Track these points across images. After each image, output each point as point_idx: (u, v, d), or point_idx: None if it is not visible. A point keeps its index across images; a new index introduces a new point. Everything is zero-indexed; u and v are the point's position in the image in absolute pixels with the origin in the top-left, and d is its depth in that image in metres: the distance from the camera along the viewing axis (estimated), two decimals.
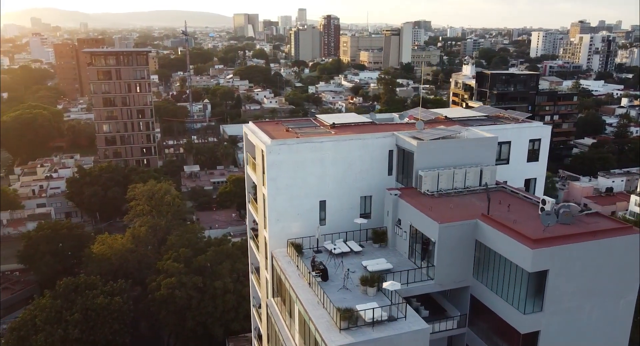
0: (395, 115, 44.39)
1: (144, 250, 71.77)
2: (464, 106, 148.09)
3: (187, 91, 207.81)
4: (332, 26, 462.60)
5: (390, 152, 36.17)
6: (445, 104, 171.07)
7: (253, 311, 44.72)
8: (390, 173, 36.55)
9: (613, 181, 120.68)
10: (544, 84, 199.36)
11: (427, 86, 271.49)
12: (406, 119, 41.49)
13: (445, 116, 42.32)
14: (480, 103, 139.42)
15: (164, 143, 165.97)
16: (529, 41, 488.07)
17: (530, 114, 52.82)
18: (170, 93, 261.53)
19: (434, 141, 33.94)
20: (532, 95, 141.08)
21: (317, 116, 42.55)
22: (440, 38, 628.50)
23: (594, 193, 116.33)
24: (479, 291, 29.21)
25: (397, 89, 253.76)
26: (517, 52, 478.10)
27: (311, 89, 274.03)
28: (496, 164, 38.63)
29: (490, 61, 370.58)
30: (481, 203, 31.40)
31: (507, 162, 39.39)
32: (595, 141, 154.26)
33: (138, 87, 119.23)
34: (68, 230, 78.10)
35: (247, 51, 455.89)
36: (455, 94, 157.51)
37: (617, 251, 26.46)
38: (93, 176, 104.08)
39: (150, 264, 69.26)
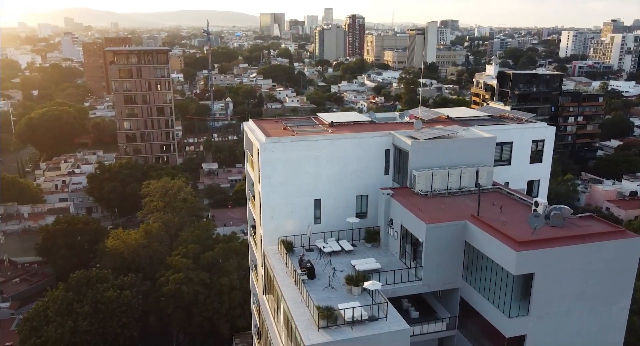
0: (397, 114, 44.07)
1: (156, 246, 72.85)
2: (484, 106, 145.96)
3: (209, 89, 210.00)
4: (357, 26, 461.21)
5: (387, 151, 35.92)
6: (467, 105, 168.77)
7: (253, 308, 45.02)
8: (387, 172, 36.30)
9: (638, 185, 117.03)
10: (570, 85, 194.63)
11: (451, 85, 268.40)
12: (406, 119, 41.11)
13: (447, 116, 41.82)
14: (501, 104, 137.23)
15: (185, 141, 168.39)
16: (559, 41, 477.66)
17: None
18: (194, 91, 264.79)
19: (429, 140, 33.57)
20: (556, 96, 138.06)
21: (317, 114, 42.53)
22: (467, 38, 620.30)
23: (617, 197, 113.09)
24: (467, 294, 28.80)
25: (420, 89, 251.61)
26: (546, 52, 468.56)
27: (333, 89, 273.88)
28: (497, 165, 38.14)
29: (517, 60, 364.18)
30: (474, 204, 30.92)
31: (509, 164, 38.69)
32: (621, 143, 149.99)
33: (158, 86, 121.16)
34: (84, 224, 79.95)
35: (272, 50, 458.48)
36: (476, 94, 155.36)
37: (608, 255, 25.75)
38: (112, 172, 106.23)
39: (161, 260, 70.26)
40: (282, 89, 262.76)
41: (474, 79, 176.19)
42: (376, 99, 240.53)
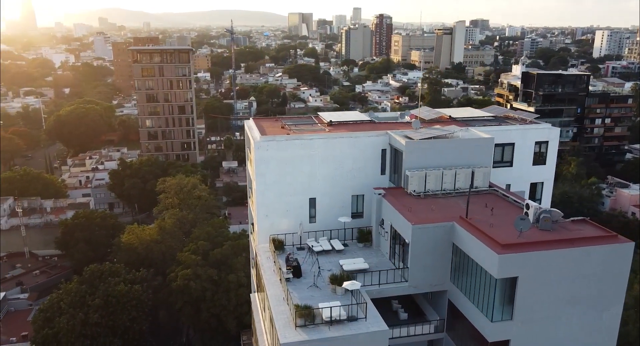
0: (399, 114, 43.70)
1: (170, 242, 73.97)
2: (509, 107, 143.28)
3: (232, 88, 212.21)
4: (384, 25, 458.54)
5: (384, 151, 35.70)
6: (490, 105, 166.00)
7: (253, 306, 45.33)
8: (383, 172, 36.09)
9: None
10: (600, 86, 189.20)
11: (477, 86, 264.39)
12: (406, 118, 40.73)
13: (450, 116, 41.27)
14: (525, 105, 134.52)
15: (208, 139, 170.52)
16: (593, 41, 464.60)
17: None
18: (219, 90, 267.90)
19: (424, 140, 33.19)
20: (582, 97, 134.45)
21: (318, 113, 42.54)
22: (498, 37, 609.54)
23: None
24: (455, 296, 28.38)
25: (445, 89, 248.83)
26: (578, 52, 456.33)
27: (358, 88, 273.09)
28: (499, 167, 37.56)
29: (548, 61, 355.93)
30: (469, 206, 30.43)
31: (511, 165, 37.98)
32: None
33: (180, 84, 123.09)
34: (102, 219, 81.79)
35: (298, 50, 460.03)
36: (500, 95, 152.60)
37: (598, 260, 24.99)
38: (133, 168, 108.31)
39: (174, 256, 71.29)
40: (306, 88, 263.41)
41: (499, 80, 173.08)
42: (400, 99, 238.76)
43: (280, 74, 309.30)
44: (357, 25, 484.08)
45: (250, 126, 38.69)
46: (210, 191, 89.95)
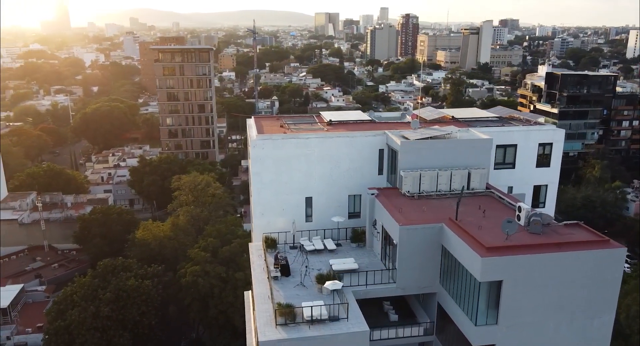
0: (405, 114, 43.32)
1: (182, 238, 75.01)
2: (531, 108, 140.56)
3: (254, 88, 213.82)
4: (410, 25, 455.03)
5: (381, 151, 35.43)
6: (515, 106, 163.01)
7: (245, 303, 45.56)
8: (380, 172, 35.81)
9: None
10: (629, 87, 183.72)
11: (503, 86, 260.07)
12: (408, 118, 40.32)
13: (452, 116, 40.69)
14: (548, 106, 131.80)
15: (229, 138, 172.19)
16: (627, 40, 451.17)
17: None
18: (243, 89, 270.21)
19: (420, 140, 32.81)
20: (608, 98, 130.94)
21: (320, 113, 42.48)
22: (527, 37, 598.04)
23: None
24: (443, 299, 27.99)
25: (470, 90, 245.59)
26: (611, 52, 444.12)
27: (381, 88, 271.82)
28: (500, 168, 36.93)
29: (578, 61, 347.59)
30: (462, 208, 29.97)
31: (513, 167, 37.22)
32: None
33: (200, 83, 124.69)
34: (118, 215, 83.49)
35: (324, 50, 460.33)
36: (523, 96, 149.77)
37: (588, 265, 24.30)
38: (152, 166, 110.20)
39: (186, 252, 72.28)
40: (329, 88, 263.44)
41: (525, 81, 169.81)
42: (423, 99, 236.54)
43: (304, 73, 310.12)
44: (382, 25, 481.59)
45: (250, 124, 38.92)
46: (227, 189, 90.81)
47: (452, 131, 34.32)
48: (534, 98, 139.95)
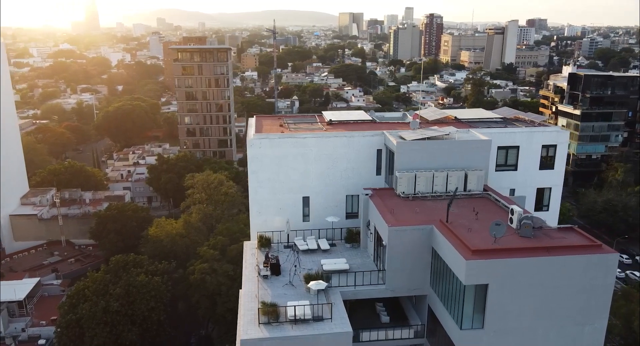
0: (406, 114, 42.95)
1: (194, 236, 75.82)
2: (553, 110, 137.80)
3: (274, 88, 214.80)
4: (434, 25, 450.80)
5: (379, 151, 35.19)
6: (536, 108, 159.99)
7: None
8: (379, 172, 35.59)
9: None
10: None
11: (527, 87, 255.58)
12: (409, 118, 39.93)
13: (455, 117, 40.18)
14: (571, 107, 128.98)
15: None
16: None
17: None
18: (264, 89, 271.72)
19: (416, 141, 32.47)
20: (634, 100, 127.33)
21: (322, 112, 42.43)
22: (555, 37, 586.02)
23: None
24: (433, 302, 27.66)
25: (493, 91, 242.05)
26: None
27: (403, 89, 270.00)
28: (502, 170, 36.35)
29: (608, 62, 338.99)
30: (457, 210, 29.60)
31: (515, 169, 36.56)
32: None
33: (218, 83, 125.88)
34: (133, 212, 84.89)
35: (347, 50, 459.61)
36: (545, 97, 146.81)
37: (578, 270, 23.69)
38: (170, 164, 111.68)
39: (197, 250, 73.05)
40: (350, 88, 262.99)
41: (548, 81, 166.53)
42: (445, 100, 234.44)
43: (325, 73, 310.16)
44: (405, 25, 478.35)
45: (250, 123, 39.11)
46: (240, 188, 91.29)
47: (451, 132, 33.87)
48: (556, 99, 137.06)
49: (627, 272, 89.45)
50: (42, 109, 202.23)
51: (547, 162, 36.79)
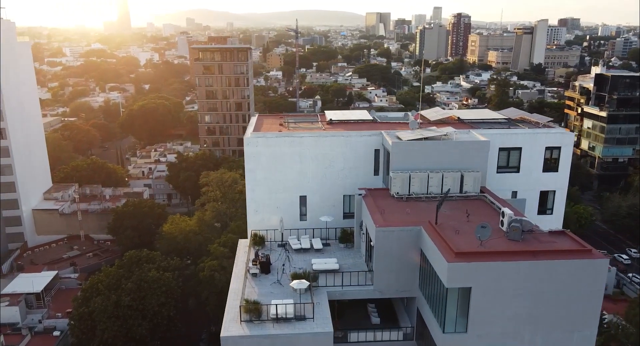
0: (408, 114, 42.46)
1: (207, 233, 76.62)
2: (579, 111, 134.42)
3: (296, 87, 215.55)
4: (461, 25, 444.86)
5: (377, 151, 34.95)
6: (562, 109, 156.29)
7: None
8: (376, 173, 35.36)
9: None
10: None
11: (555, 88, 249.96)
12: (411, 118, 39.47)
13: (458, 117, 39.58)
14: (597, 109, 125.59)
15: None
16: None
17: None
18: (287, 88, 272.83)
19: (412, 141, 32.11)
20: None
21: (325, 112, 42.37)
22: (588, 37, 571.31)
23: None
24: (421, 304, 27.30)
25: (519, 91, 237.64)
26: None
27: (427, 89, 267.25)
28: (504, 172, 35.72)
29: None
30: (449, 211, 29.20)
31: (517, 171, 35.81)
32: None
33: (238, 82, 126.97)
34: (149, 209, 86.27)
35: (372, 50, 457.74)
36: (570, 98, 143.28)
37: (565, 276, 23.03)
38: (189, 162, 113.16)
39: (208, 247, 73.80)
40: (373, 88, 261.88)
41: (575, 82, 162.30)
42: (469, 101, 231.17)
43: (350, 73, 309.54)
44: (432, 25, 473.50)
45: (251, 122, 39.31)
46: None
47: (449, 132, 33.37)
48: (582, 101, 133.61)
49: None
50: (71, 107, 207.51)
51: (551, 165, 35.94)
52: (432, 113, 39.91)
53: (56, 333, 65.27)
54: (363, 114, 40.94)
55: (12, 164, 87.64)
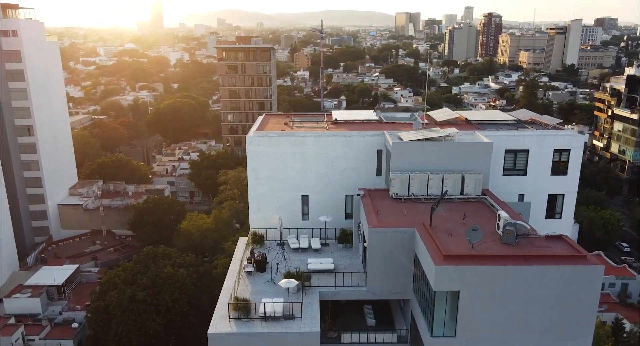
0: (415, 115, 41.97)
1: (224, 231, 77.41)
2: (609, 114, 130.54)
3: (321, 87, 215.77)
4: (492, 25, 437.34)
5: (380, 152, 34.68)
6: (592, 111, 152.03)
7: None
8: (379, 173, 35.09)
9: None
10: None
11: (588, 90, 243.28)
12: (418, 119, 39.00)
13: (466, 118, 38.93)
14: (628, 111, 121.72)
15: None
16: None
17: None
18: (313, 88, 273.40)
19: (412, 142, 31.73)
20: None
21: (332, 111, 42.27)
22: (625, 37, 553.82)
23: None
24: (414, 306, 26.94)
25: (550, 93, 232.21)
26: None
27: (454, 90, 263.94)
28: (510, 175, 34.99)
29: None
30: (448, 213, 28.77)
31: (524, 174, 34.99)
32: None
33: (261, 81, 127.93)
34: (169, 206, 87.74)
35: (401, 50, 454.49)
36: (600, 100, 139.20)
37: (558, 282, 22.36)
38: (210, 160, 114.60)
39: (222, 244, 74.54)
40: (399, 88, 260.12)
41: (606, 84, 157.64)
42: (497, 102, 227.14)
43: (377, 73, 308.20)
44: (462, 25, 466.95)
45: (257, 121, 39.53)
46: None
47: (452, 133, 32.84)
48: (613, 103, 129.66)
49: None
50: (102, 105, 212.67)
51: (559, 168, 34.97)
52: (439, 114, 39.37)
53: (74, 325, 66.95)
54: (369, 114, 40.68)
55: (38, 160, 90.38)
